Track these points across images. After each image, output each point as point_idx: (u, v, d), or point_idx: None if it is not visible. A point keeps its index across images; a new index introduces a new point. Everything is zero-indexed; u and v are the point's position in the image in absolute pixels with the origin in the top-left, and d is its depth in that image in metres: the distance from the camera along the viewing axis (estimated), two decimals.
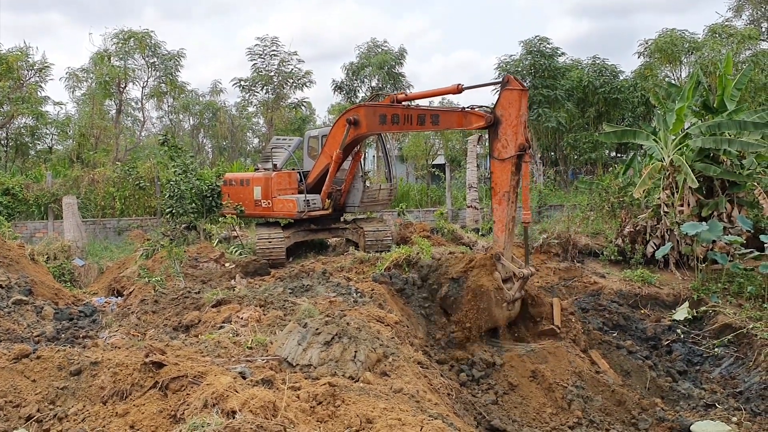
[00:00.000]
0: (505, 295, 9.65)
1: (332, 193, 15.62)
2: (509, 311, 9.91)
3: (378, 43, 34.22)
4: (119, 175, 23.31)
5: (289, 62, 32.56)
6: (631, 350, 10.88)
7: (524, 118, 9.94)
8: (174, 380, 4.65)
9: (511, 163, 9.84)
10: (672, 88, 16.95)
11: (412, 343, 8.01)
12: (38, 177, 24.04)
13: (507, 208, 9.98)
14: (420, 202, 26.71)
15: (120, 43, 29.46)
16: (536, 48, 29.21)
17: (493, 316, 9.63)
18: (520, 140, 9.82)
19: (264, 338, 6.61)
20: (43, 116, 28.94)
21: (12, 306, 9.49)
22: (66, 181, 22.82)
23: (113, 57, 30.04)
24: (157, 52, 30.29)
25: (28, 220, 21.60)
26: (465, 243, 15.90)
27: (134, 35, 29.38)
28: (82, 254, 17.30)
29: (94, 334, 8.36)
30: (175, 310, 8.77)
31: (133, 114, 36.70)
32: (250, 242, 16.28)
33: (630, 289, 13.42)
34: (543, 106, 28.55)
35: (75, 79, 31.52)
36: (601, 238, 16.09)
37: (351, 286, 10.27)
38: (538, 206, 22.33)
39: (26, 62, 27.73)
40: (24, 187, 22.04)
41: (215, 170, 22.98)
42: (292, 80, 33.04)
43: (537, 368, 9.01)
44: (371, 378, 5.40)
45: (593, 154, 29.32)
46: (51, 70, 28.78)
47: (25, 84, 28.12)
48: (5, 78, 26.62)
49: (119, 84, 30.39)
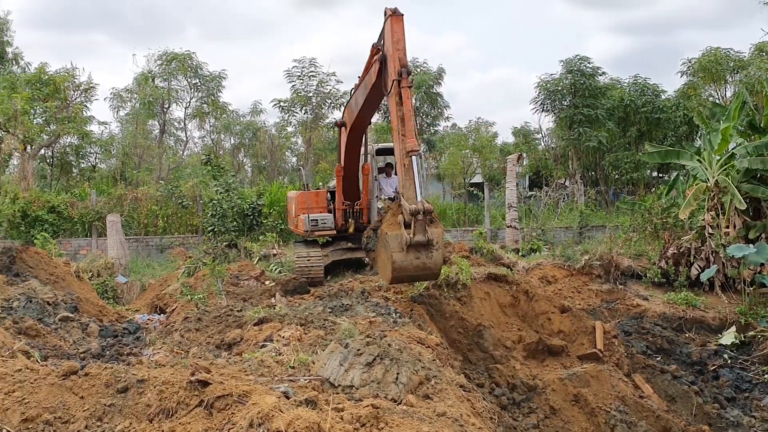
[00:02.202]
0: (403, 239, 8.94)
1: (347, 211, 15.38)
2: (419, 258, 9.06)
3: (417, 64, 34.39)
4: (162, 193, 23.73)
5: (328, 83, 32.91)
6: (676, 375, 10.64)
7: (400, 45, 9.58)
8: (219, 399, 4.67)
9: (395, 93, 9.50)
10: (717, 108, 16.70)
11: (453, 366, 7.95)
12: (83, 195, 24.60)
13: (398, 143, 9.47)
14: (457, 222, 26.58)
15: (163, 64, 30.15)
16: (576, 67, 29.04)
17: (398, 263, 8.94)
18: (396, 65, 9.43)
19: (306, 358, 6.62)
20: (87, 135, 29.69)
21: (59, 322, 9.66)
22: (110, 199, 23.31)
23: (157, 78, 30.76)
24: (199, 73, 30.92)
25: (72, 238, 22.07)
26: (505, 263, 15.73)
27: (177, 57, 30.06)
28: (125, 271, 17.61)
29: (138, 351, 8.46)
30: (218, 327, 8.84)
31: (176, 134, 37.45)
32: (289, 260, 16.38)
33: (674, 312, 13.15)
34: (584, 125, 28.31)
35: (119, 99, 32.35)
36: (643, 260, 15.80)
37: (390, 306, 10.24)
38: (579, 227, 22.05)
39: (72, 83, 28.54)
40: (69, 205, 22.56)
41: (255, 189, 23.25)
42: (330, 100, 33.35)
43: (579, 392, 8.87)
44: (414, 400, 5.36)
45: (635, 174, 28.93)
46: (96, 90, 29.62)
47: (71, 104, 28.90)
48: (52, 98, 27.38)
49: (162, 104, 31.06)
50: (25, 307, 9.64)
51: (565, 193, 27.88)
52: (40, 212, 21.75)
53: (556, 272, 14.97)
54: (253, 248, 17.94)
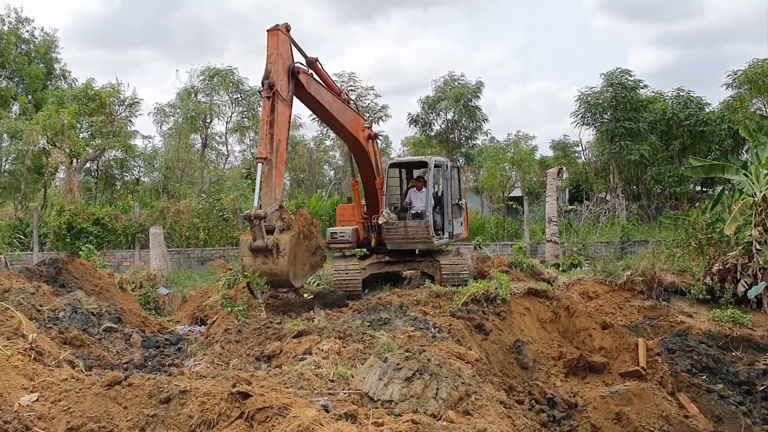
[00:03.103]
0: (250, 245, 9.95)
1: (367, 225, 15.53)
2: (266, 264, 10.11)
3: (455, 77, 34.40)
4: (203, 206, 24.06)
5: (366, 97, 33.08)
6: (722, 394, 10.34)
7: (271, 59, 10.79)
8: (260, 411, 4.70)
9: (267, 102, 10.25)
10: (764, 121, 16.36)
11: (493, 382, 7.86)
12: (126, 208, 25.07)
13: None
14: (496, 236, 26.38)
15: (206, 79, 30.68)
16: (618, 80, 28.67)
17: (246, 266, 10.17)
18: (263, 76, 10.53)
19: (345, 371, 6.62)
20: (131, 149, 30.30)
21: (103, 333, 9.85)
22: (153, 212, 23.71)
23: (199, 93, 31.30)
24: (240, 88, 31.36)
25: (116, 249, 22.49)
26: (545, 278, 15.57)
27: (219, 73, 30.54)
28: (166, 283, 17.87)
29: (180, 362, 8.56)
30: (258, 340, 8.91)
31: (217, 148, 37.98)
32: (327, 273, 16.44)
33: (720, 329, 12.82)
34: (625, 138, 27.91)
35: (162, 114, 32.97)
36: (687, 276, 15.47)
37: (429, 320, 10.19)
38: (620, 241, 21.71)
39: (117, 98, 29.21)
40: (113, 217, 23.00)
41: (294, 202, 23.42)
42: (369, 114, 33.51)
43: (621, 410, 8.69)
44: (454, 416, 5.32)
45: (678, 189, 28.38)
46: (140, 105, 30.26)
47: (116, 119, 29.55)
48: (98, 113, 28.05)
49: (204, 119, 31.57)
50: (70, 317, 9.84)
51: (606, 208, 27.49)
52: (85, 224, 22.22)
53: (598, 288, 14.76)
54: None
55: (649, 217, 28.78)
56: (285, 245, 9.82)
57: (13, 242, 22.04)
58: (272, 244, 10.17)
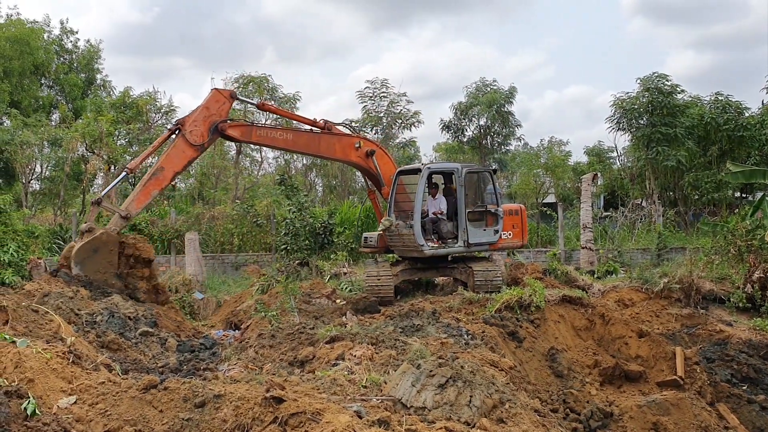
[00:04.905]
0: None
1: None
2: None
3: (487, 83, 34.26)
4: (238, 212, 24.31)
5: (398, 103, 33.12)
6: (764, 406, 10.08)
7: (199, 109, 13.13)
8: (293, 416, 4.72)
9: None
10: None
11: (527, 390, 7.79)
12: (162, 214, 25.44)
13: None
14: (530, 242, 26.15)
15: (240, 87, 31.02)
16: (654, 85, 28.24)
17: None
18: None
19: (378, 377, 6.61)
20: None
21: (139, 337, 9.99)
22: (188, 217, 24.04)
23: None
24: (274, 95, 31.62)
25: None
26: (579, 286, 15.35)
27: (253, 80, 30.85)
28: (201, 288, 18.07)
29: (214, 366, 8.65)
30: (291, 345, 8.95)
31: (251, 154, 38.32)
32: (359, 279, 16.47)
33: (761, 339, 12.49)
34: (662, 144, 27.47)
35: None
36: (726, 284, 15.12)
37: (461, 327, 10.14)
38: (657, 248, 21.34)
39: (154, 105, 29.70)
40: (150, 223, 23.35)
41: (327, 208, 23.53)
42: (401, 121, 33.53)
43: (659, 420, 8.54)
44: (487, 424, 5.27)
45: (716, 195, 27.84)
46: (176, 112, 30.71)
47: (153, 126, 30.04)
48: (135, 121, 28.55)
49: None
50: (107, 321, 10.01)
51: (642, 214, 27.08)
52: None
53: (634, 295, 14.50)
54: (324, 267, 18.13)
55: (687, 224, 28.26)
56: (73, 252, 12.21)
57: (53, 247, 22.47)
58: (85, 228, 12.70)
